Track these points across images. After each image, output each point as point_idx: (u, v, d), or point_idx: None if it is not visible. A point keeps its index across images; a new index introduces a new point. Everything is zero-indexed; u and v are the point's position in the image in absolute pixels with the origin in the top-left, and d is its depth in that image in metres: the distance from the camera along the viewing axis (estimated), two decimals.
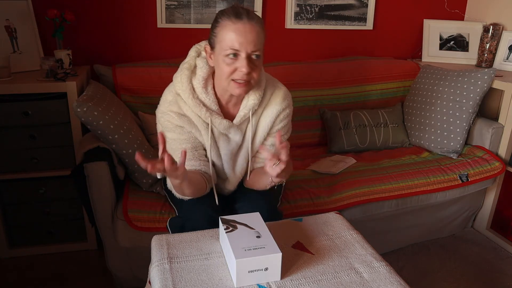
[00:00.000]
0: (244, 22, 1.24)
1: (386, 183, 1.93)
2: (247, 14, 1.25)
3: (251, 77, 1.29)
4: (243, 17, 1.24)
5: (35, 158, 1.94)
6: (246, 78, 1.28)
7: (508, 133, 2.19)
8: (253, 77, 1.30)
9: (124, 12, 2.24)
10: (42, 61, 1.90)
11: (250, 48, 1.25)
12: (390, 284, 1.09)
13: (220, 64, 1.29)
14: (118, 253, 1.73)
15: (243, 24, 1.24)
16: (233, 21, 1.24)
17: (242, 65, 1.25)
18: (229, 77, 1.29)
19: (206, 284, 1.07)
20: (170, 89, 1.42)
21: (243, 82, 1.29)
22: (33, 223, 2.04)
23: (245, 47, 1.24)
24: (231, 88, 1.31)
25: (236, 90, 1.31)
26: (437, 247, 2.22)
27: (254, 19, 1.26)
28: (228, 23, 1.25)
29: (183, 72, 1.39)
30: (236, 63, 1.26)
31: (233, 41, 1.24)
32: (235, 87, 1.30)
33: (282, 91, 1.46)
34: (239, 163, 1.50)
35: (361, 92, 2.46)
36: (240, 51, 1.25)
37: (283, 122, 1.48)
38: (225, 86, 1.33)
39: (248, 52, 1.25)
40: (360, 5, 2.57)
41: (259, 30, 1.26)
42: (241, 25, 1.24)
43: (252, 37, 1.24)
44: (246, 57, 1.25)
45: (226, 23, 1.26)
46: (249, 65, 1.26)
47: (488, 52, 2.52)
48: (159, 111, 1.43)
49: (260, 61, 1.30)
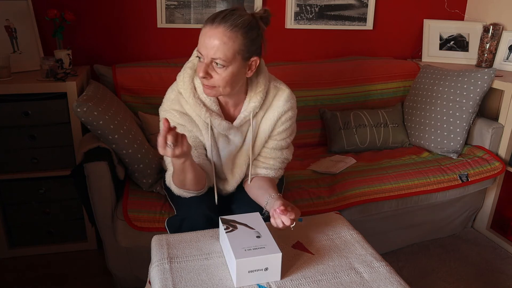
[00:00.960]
0: (211, 27, 1.21)
1: (386, 183, 1.93)
2: (222, 18, 1.21)
3: (213, 83, 1.27)
4: (215, 21, 1.21)
5: (35, 158, 1.94)
6: (205, 83, 1.27)
7: (508, 133, 2.19)
8: (217, 84, 1.27)
9: (124, 12, 2.24)
10: (42, 61, 1.90)
11: (209, 54, 1.22)
12: (390, 284, 1.09)
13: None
14: (118, 253, 1.73)
15: (209, 29, 1.21)
16: (205, 25, 1.23)
17: (199, 69, 1.25)
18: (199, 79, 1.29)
19: (206, 284, 1.07)
20: (173, 87, 1.42)
21: (207, 85, 1.28)
22: (33, 223, 2.04)
23: (206, 53, 1.22)
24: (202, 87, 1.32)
25: (204, 90, 1.31)
26: (437, 247, 2.22)
27: (226, 24, 1.20)
28: (204, 25, 1.25)
29: (186, 71, 1.39)
30: (201, 65, 1.25)
31: (199, 45, 1.24)
32: (203, 87, 1.31)
33: (285, 92, 1.44)
34: (239, 165, 1.49)
35: (361, 92, 2.46)
36: (202, 55, 1.24)
37: (285, 125, 1.45)
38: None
39: (208, 57, 1.23)
40: (360, 5, 2.57)
41: (225, 38, 1.20)
42: (208, 29, 1.22)
43: (212, 44, 1.20)
44: (206, 63, 1.24)
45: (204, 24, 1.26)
46: (206, 71, 1.24)
47: (488, 52, 2.52)
48: (162, 109, 1.44)
49: (227, 71, 1.24)
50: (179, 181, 1.37)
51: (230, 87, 1.29)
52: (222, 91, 1.30)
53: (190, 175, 1.33)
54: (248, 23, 1.23)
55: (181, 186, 1.39)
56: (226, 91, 1.30)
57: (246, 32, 1.23)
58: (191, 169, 1.31)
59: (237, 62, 1.25)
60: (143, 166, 1.71)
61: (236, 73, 1.27)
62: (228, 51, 1.21)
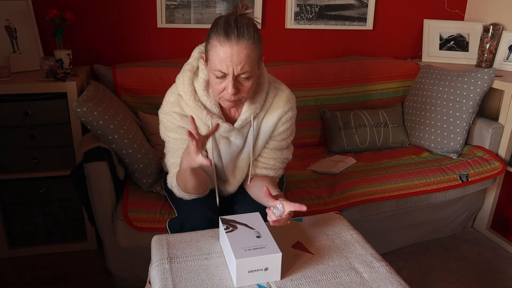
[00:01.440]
0: (232, 44, 1.19)
1: (386, 183, 1.93)
2: (237, 31, 1.19)
3: (240, 96, 1.28)
4: (231, 37, 1.19)
5: (35, 158, 1.94)
6: (233, 98, 1.27)
7: (508, 133, 2.19)
8: (242, 96, 1.28)
9: (124, 12, 2.24)
10: (42, 61, 1.90)
11: (237, 70, 1.22)
12: (390, 284, 1.09)
13: (211, 79, 1.28)
14: (118, 253, 1.73)
15: (230, 46, 1.19)
16: (221, 43, 1.20)
17: (228, 86, 1.24)
18: (219, 94, 1.29)
19: (206, 284, 1.07)
20: (173, 90, 1.42)
21: (233, 100, 1.28)
22: (33, 223, 2.04)
23: (231, 70, 1.21)
24: (222, 102, 1.31)
25: (226, 104, 1.30)
26: (437, 247, 2.22)
27: (245, 37, 1.19)
28: (216, 44, 1.21)
29: (185, 73, 1.38)
30: (223, 83, 1.25)
31: (220, 64, 1.21)
32: (225, 101, 1.30)
33: (285, 94, 1.44)
34: (240, 166, 1.49)
35: (361, 92, 2.46)
36: (227, 73, 1.22)
37: (285, 125, 1.46)
38: (217, 98, 1.32)
39: (235, 74, 1.22)
40: (360, 5, 2.57)
41: (249, 51, 1.20)
42: (229, 47, 1.19)
43: (239, 60, 1.20)
44: (233, 79, 1.23)
45: (215, 43, 1.22)
46: (236, 86, 1.24)
47: (488, 52, 2.52)
48: (162, 112, 1.43)
49: (251, 81, 1.27)
50: (183, 184, 1.37)
51: (251, 93, 1.33)
52: (244, 100, 1.33)
53: (197, 179, 1.34)
54: (255, 28, 1.25)
55: (184, 189, 1.39)
56: (247, 99, 1.34)
57: (258, 39, 1.25)
58: (199, 173, 1.32)
59: (256, 69, 1.28)
60: (143, 166, 1.71)
61: (255, 80, 1.30)
62: (252, 63, 1.24)
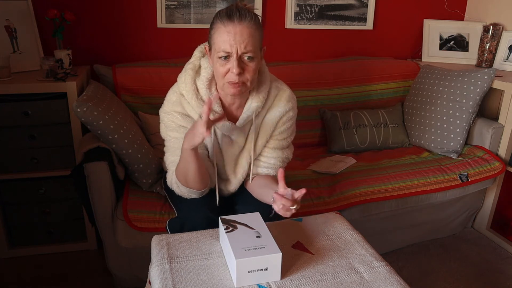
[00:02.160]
0: (234, 24, 1.23)
1: (386, 183, 1.93)
2: (238, 14, 1.24)
3: (244, 78, 1.28)
4: (234, 18, 1.23)
5: (35, 158, 1.94)
6: (238, 80, 1.27)
7: (508, 133, 2.19)
8: (247, 78, 1.29)
9: (124, 12, 2.24)
10: (42, 61, 1.90)
11: (240, 49, 1.24)
12: (390, 284, 1.09)
13: (215, 65, 1.30)
14: (118, 253, 1.73)
15: (233, 26, 1.23)
16: (224, 24, 1.24)
17: (233, 66, 1.25)
18: (223, 78, 1.29)
19: (206, 284, 1.07)
20: (174, 89, 1.42)
21: (237, 83, 1.28)
22: (33, 223, 2.03)
23: (235, 49, 1.24)
24: (226, 89, 1.31)
25: (231, 90, 1.30)
26: (437, 247, 2.22)
27: (247, 19, 1.24)
28: (219, 26, 1.25)
29: (187, 72, 1.39)
30: (228, 64, 1.26)
31: (225, 44, 1.24)
32: (229, 87, 1.30)
33: (286, 93, 1.45)
34: (241, 165, 1.49)
35: (361, 92, 2.46)
36: (231, 52, 1.24)
37: (286, 125, 1.47)
38: (221, 86, 1.33)
39: (239, 53, 1.24)
40: (360, 5, 2.57)
41: (251, 31, 1.25)
42: (232, 27, 1.23)
43: (242, 39, 1.23)
44: (237, 59, 1.25)
45: (218, 25, 1.26)
46: (240, 66, 1.25)
47: (488, 52, 2.52)
48: (163, 111, 1.43)
49: (255, 63, 1.29)
50: (183, 176, 1.36)
51: (255, 79, 1.34)
52: (250, 86, 1.32)
53: (197, 167, 1.32)
54: (257, 17, 1.29)
55: (185, 182, 1.38)
56: (252, 84, 1.34)
57: (259, 23, 1.29)
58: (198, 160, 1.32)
59: (258, 53, 1.30)
60: (143, 166, 1.71)
61: (258, 64, 1.32)
62: (255, 42, 1.26)
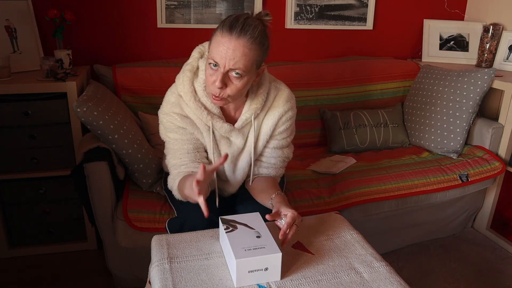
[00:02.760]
0: (231, 37, 1.19)
1: (386, 183, 1.93)
2: (240, 28, 1.20)
3: (225, 94, 1.26)
4: (233, 32, 1.20)
5: (35, 158, 1.94)
6: (219, 93, 1.26)
7: (508, 133, 2.19)
8: (227, 94, 1.26)
9: (124, 12, 2.24)
10: (42, 61, 1.90)
11: (228, 65, 1.21)
12: (390, 284, 1.09)
13: (206, 70, 1.28)
14: (118, 253, 1.73)
15: (229, 39, 1.20)
16: (222, 34, 1.21)
17: (216, 79, 1.23)
18: (209, 86, 1.28)
19: (206, 284, 1.07)
20: (173, 90, 1.41)
21: (218, 96, 1.27)
22: (33, 223, 2.03)
23: (223, 63, 1.21)
24: (210, 97, 1.31)
25: (213, 101, 1.30)
26: (437, 247, 2.22)
27: (246, 36, 1.20)
28: (218, 34, 1.23)
29: (185, 74, 1.38)
30: (214, 75, 1.24)
31: (215, 53, 1.22)
32: (211, 97, 1.29)
33: (285, 93, 1.45)
34: (241, 166, 1.49)
35: (361, 92, 2.46)
36: (219, 64, 1.22)
37: (285, 125, 1.46)
38: (207, 92, 1.32)
39: (226, 68, 1.22)
40: (360, 5, 2.57)
41: (246, 50, 1.20)
42: (227, 40, 1.20)
43: (233, 55, 1.20)
44: (222, 73, 1.22)
45: (218, 33, 1.23)
46: (223, 81, 1.23)
47: (488, 52, 2.52)
48: (162, 112, 1.42)
49: (243, 81, 1.25)
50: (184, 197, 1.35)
51: (240, 96, 1.31)
52: (231, 101, 1.30)
53: None
54: (263, 33, 1.25)
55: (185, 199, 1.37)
56: (235, 100, 1.31)
57: (262, 43, 1.25)
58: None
59: (252, 71, 1.26)
60: (143, 166, 1.71)
61: (248, 82, 1.28)
62: (248, 61, 1.22)
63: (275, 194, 1.34)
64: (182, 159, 1.39)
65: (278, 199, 1.31)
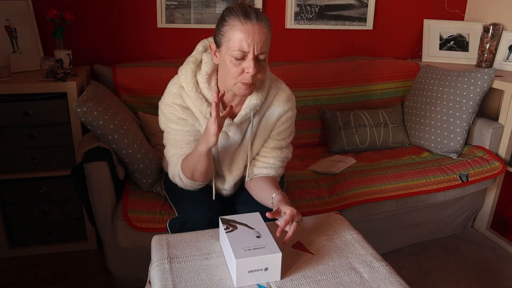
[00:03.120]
0: (253, 23, 1.22)
1: (386, 183, 1.93)
2: (255, 14, 1.24)
3: (256, 79, 1.28)
4: (251, 17, 1.23)
5: (35, 158, 1.94)
6: (252, 80, 1.27)
7: (508, 133, 2.19)
8: (259, 78, 1.29)
9: (124, 12, 2.24)
10: (42, 61, 1.90)
11: (257, 49, 1.23)
12: (390, 284, 1.09)
13: (227, 64, 1.27)
14: (118, 253, 1.73)
15: (251, 25, 1.22)
16: (242, 22, 1.22)
17: (249, 66, 1.24)
18: (236, 78, 1.28)
19: (206, 284, 1.07)
20: (175, 81, 1.42)
21: (250, 83, 1.28)
22: (33, 223, 2.04)
23: (253, 48, 1.23)
24: (236, 89, 1.30)
25: (242, 91, 1.30)
26: (437, 247, 2.22)
27: (263, 20, 1.24)
28: (236, 23, 1.23)
29: (189, 65, 1.39)
30: (243, 64, 1.25)
31: (242, 42, 1.22)
32: (241, 88, 1.29)
33: (285, 93, 1.45)
34: (237, 162, 1.49)
35: (361, 92, 2.46)
36: (248, 52, 1.23)
37: (285, 125, 1.47)
38: (230, 86, 1.31)
39: (256, 53, 1.24)
40: (360, 5, 2.57)
41: (267, 31, 1.25)
42: (250, 26, 1.22)
43: (260, 38, 1.23)
44: (253, 58, 1.24)
45: (234, 22, 1.23)
46: (256, 66, 1.25)
47: (488, 52, 2.52)
48: (163, 103, 1.43)
49: (266, 63, 1.30)
50: (191, 171, 1.36)
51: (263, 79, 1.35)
52: (258, 85, 1.34)
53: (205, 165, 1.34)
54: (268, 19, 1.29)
55: (191, 177, 1.38)
56: (261, 84, 1.35)
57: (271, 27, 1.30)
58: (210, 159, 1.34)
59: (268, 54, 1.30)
60: (143, 166, 1.71)
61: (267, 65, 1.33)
62: (269, 42, 1.28)
63: (275, 193, 1.34)
64: (183, 149, 1.41)
65: (278, 198, 1.32)
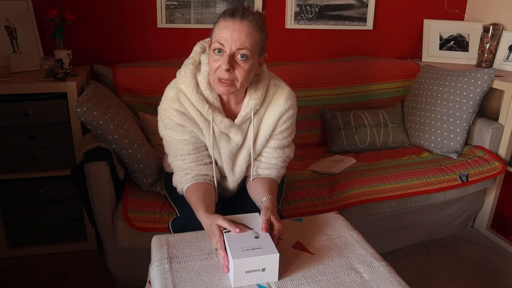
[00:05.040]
0: (234, 20, 1.24)
1: (386, 183, 1.93)
2: (242, 13, 1.25)
3: (233, 77, 1.27)
4: (236, 15, 1.25)
5: (35, 158, 1.94)
6: (227, 77, 1.26)
7: (508, 133, 2.19)
8: (236, 77, 1.28)
9: (124, 12, 2.24)
10: (42, 61, 1.90)
11: (234, 46, 1.24)
12: (390, 284, 1.09)
13: (209, 58, 1.30)
14: (118, 253, 1.73)
15: (233, 22, 1.24)
16: (225, 19, 1.26)
17: (223, 62, 1.25)
18: (215, 73, 1.29)
19: (206, 284, 1.07)
20: (172, 85, 1.41)
21: (226, 82, 1.28)
22: (33, 223, 2.04)
23: (229, 44, 1.24)
24: (216, 85, 1.31)
25: (219, 89, 1.30)
26: (437, 247, 2.22)
27: (248, 18, 1.25)
28: (221, 21, 1.27)
29: (188, 66, 1.38)
30: (220, 60, 1.26)
31: (220, 36, 1.25)
32: (218, 84, 1.30)
33: (285, 91, 1.44)
34: (239, 163, 1.49)
35: (361, 92, 2.46)
36: (225, 47, 1.25)
37: (286, 123, 1.45)
38: (212, 81, 1.32)
39: (232, 50, 1.24)
40: (360, 5, 2.57)
41: (250, 30, 1.25)
42: (231, 22, 1.24)
43: (238, 36, 1.23)
44: (229, 55, 1.24)
45: (220, 21, 1.28)
46: (230, 63, 1.25)
47: (488, 52, 2.52)
48: (161, 108, 1.42)
49: (249, 64, 1.27)
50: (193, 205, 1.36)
51: (246, 82, 1.32)
52: (239, 86, 1.30)
53: None
54: (262, 21, 1.29)
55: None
56: (242, 86, 1.32)
57: (262, 29, 1.29)
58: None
59: (255, 56, 1.29)
60: (143, 166, 1.71)
61: (252, 68, 1.30)
62: (253, 41, 1.26)
63: (266, 197, 1.33)
64: (186, 161, 1.40)
65: (266, 204, 1.30)
